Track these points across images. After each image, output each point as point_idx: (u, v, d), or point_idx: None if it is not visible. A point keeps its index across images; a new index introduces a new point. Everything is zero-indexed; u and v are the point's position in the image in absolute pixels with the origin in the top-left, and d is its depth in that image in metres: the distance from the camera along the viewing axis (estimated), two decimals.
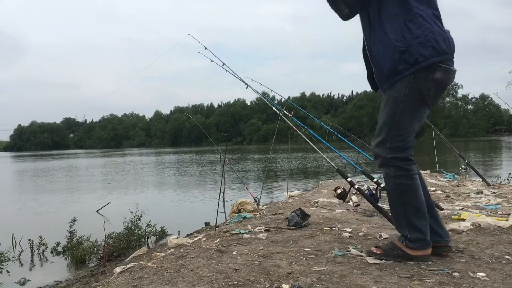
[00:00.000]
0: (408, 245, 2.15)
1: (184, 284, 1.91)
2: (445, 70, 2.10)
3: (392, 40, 2.08)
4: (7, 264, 4.62)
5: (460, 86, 67.14)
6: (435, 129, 8.58)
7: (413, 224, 2.15)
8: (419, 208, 2.16)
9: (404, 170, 2.16)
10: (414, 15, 2.06)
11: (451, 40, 2.15)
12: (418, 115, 2.16)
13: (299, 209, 3.28)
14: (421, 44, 2.04)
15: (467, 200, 4.61)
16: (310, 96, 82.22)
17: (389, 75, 2.13)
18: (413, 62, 2.05)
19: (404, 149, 2.15)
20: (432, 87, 2.09)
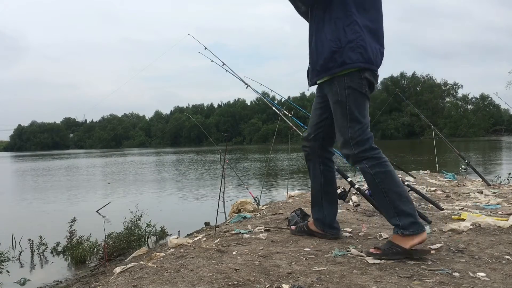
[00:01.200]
0: (404, 233, 2.19)
1: (184, 284, 1.91)
2: (372, 73, 2.35)
3: (328, 39, 2.29)
4: (7, 264, 4.62)
5: (460, 86, 67.21)
6: (435, 129, 8.58)
7: (401, 210, 2.22)
8: (401, 192, 2.26)
9: (374, 159, 2.29)
10: (352, 22, 2.26)
11: (380, 55, 2.39)
12: (364, 109, 2.35)
13: (299, 209, 3.27)
14: (351, 48, 2.25)
15: (467, 200, 4.61)
16: (310, 96, 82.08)
17: (320, 71, 2.36)
18: (341, 63, 2.26)
19: (366, 140, 2.30)
20: (365, 84, 2.33)
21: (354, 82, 2.30)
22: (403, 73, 69.21)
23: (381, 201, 2.32)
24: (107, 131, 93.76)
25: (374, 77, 2.38)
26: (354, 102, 2.31)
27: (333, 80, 2.34)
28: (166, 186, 13.87)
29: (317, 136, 2.57)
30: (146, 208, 6.22)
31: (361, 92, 2.32)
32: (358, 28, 2.26)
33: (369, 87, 2.36)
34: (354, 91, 2.31)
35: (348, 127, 2.31)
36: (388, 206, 2.26)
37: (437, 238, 2.66)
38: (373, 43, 2.32)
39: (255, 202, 5.47)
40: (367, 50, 2.27)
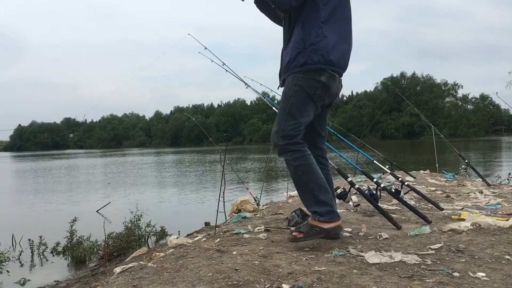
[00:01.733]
0: (320, 219, 2.40)
1: (184, 284, 1.91)
2: (330, 75, 2.43)
3: (295, 41, 2.42)
4: (7, 264, 4.61)
5: (460, 86, 67.20)
6: (435, 129, 8.58)
7: (319, 199, 2.41)
8: (321, 184, 2.43)
9: (298, 152, 2.43)
10: (318, 25, 2.37)
11: (345, 57, 2.50)
12: (305, 109, 2.45)
13: (299, 209, 3.27)
14: (313, 50, 2.36)
15: (467, 200, 4.61)
16: None
17: (285, 70, 2.49)
18: (302, 63, 2.38)
19: (294, 136, 2.42)
20: (318, 87, 2.41)
21: (306, 82, 2.40)
22: (403, 73, 69.28)
23: (302, 191, 2.47)
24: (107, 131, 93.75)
25: (334, 80, 2.47)
26: (298, 100, 2.42)
27: (290, 76, 2.45)
28: (166, 186, 13.87)
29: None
30: (146, 208, 6.22)
31: (309, 93, 2.41)
32: (322, 32, 2.36)
33: (323, 91, 2.44)
34: (303, 91, 2.41)
35: (284, 120, 2.43)
36: (308, 195, 2.44)
37: (437, 238, 2.66)
38: (340, 46, 2.43)
39: (255, 202, 5.46)
40: (329, 52, 2.37)
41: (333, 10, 2.41)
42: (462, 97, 66.79)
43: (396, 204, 4.02)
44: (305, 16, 2.41)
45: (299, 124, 2.43)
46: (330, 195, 2.49)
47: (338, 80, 2.54)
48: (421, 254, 2.32)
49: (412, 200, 4.34)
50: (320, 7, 2.38)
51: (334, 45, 2.40)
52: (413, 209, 3.39)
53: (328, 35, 2.38)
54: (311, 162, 2.44)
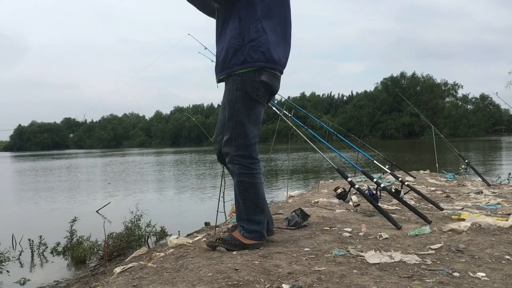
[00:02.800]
0: (245, 234, 2.39)
1: (184, 284, 1.91)
2: (271, 74, 2.34)
3: (232, 36, 2.27)
4: (7, 264, 4.61)
5: (460, 86, 67.19)
6: (435, 129, 8.58)
7: (251, 218, 2.38)
8: (258, 204, 2.40)
9: (247, 168, 2.36)
10: (257, 20, 2.25)
11: (286, 56, 2.42)
12: (253, 112, 2.35)
13: (299, 209, 3.28)
14: (253, 47, 2.24)
15: (467, 200, 4.61)
16: (310, 96, 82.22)
17: (222, 67, 2.34)
18: (242, 61, 2.26)
19: (248, 146, 2.34)
20: (260, 87, 2.31)
21: (247, 85, 2.30)
22: (403, 73, 69.25)
23: (238, 203, 2.43)
24: (107, 131, 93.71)
25: (275, 78, 2.38)
26: (243, 106, 2.32)
27: (230, 78, 2.34)
28: (166, 186, 13.87)
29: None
30: (146, 208, 6.21)
31: (251, 96, 2.32)
32: (262, 28, 2.26)
33: (266, 90, 2.36)
34: (245, 95, 2.31)
35: (234, 128, 2.34)
36: (242, 210, 2.40)
37: (437, 238, 2.66)
38: (279, 43, 2.34)
39: None
40: (270, 49, 2.27)
41: (271, 7, 2.30)
42: (462, 97, 66.85)
43: (396, 204, 4.02)
44: (241, 9, 2.27)
45: (250, 130, 2.35)
46: (265, 216, 2.43)
47: (278, 77, 2.44)
48: (421, 254, 2.32)
49: (412, 200, 4.34)
50: (256, 1, 2.27)
51: (275, 41, 2.31)
52: (413, 209, 3.39)
53: (268, 31, 2.27)
54: (256, 181, 2.37)
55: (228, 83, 2.35)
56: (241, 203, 2.40)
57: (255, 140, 2.38)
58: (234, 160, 2.36)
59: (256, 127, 2.39)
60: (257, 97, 2.33)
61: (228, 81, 2.36)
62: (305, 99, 78.78)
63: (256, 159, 2.39)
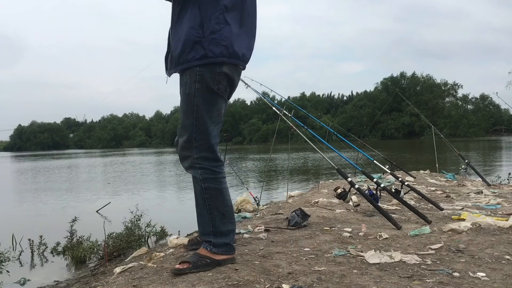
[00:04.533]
0: (213, 250, 2.10)
1: (184, 284, 1.91)
2: (233, 66, 2.11)
3: (190, 27, 2.02)
4: (7, 264, 4.61)
5: (460, 86, 67.20)
6: (435, 129, 8.58)
7: (218, 230, 2.11)
8: (226, 213, 2.13)
9: (212, 172, 2.10)
10: (218, 10, 2.02)
11: (250, 50, 2.20)
12: (214, 108, 2.11)
13: (299, 209, 3.28)
14: (214, 40, 2.01)
15: (467, 200, 4.61)
16: (310, 96, 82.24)
17: (178, 61, 2.08)
18: (202, 55, 2.02)
19: (210, 146, 2.09)
20: (221, 79, 2.08)
21: (207, 77, 2.05)
22: (403, 73, 69.20)
23: (202, 215, 2.16)
24: (107, 131, 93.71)
25: (236, 71, 2.16)
26: (203, 100, 2.07)
27: (187, 70, 2.08)
28: (166, 186, 13.87)
29: None
30: (146, 208, 6.21)
31: (212, 89, 2.07)
32: (224, 19, 2.02)
33: (227, 83, 2.13)
34: (205, 88, 2.06)
35: (194, 126, 2.07)
36: (207, 222, 2.13)
37: (437, 238, 2.66)
38: (243, 36, 2.12)
39: (255, 202, 5.46)
40: (232, 43, 2.05)
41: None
42: (462, 97, 66.81)
43: (396, 204, 4.02)
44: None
45: (212, 128, 2.09)
46: (233, 225, 2.19)
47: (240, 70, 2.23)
48: (421, 254, 2.32)
49: (412, 200, 4.34)
50: None
51: (238, 34, 2.08)
52: (413, 209, 3.40)
53: (231, 22, 2.04)
54: (222, 187, 2.12)
55: (184, 75, 2.10)
56: (207, 214, 2.12)
57: (216, 140, 2.13)
58: (196, 164, 2.08)
59: (217, 127, 2.14)
60: (219, 91, 2.09)
61: (184, 74, 2.10)
62: (305, 99, 78.78)
63: (221, 161, 2.15)
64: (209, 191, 2.10)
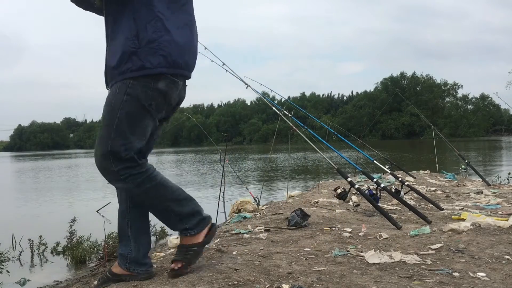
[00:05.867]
0: (192, 233, 2.02)
1: (184, 284, 1.91)
2: (171, 81, 1.94)
3: (126, 38, 1.89)
4: (7, 264, 4.61)
5: (460, 86, 67.23)
6: (435, 129, 8.59)
7: (184, 214, 2.02)
8: (178, 197, 2.03)
9: (141, 174, 1.94)
10: (154, 18, 1.88)
11: (193, 56, 2.05)
12: (139, 125, 1.93)
13: (299, 209, 3.28)
14: (151, 50, 1.87)
15: (467, 200, 4.61)
16: (310, 96, 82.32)
17: (113, 74, 1.94)
18: (139, 66, 1.87)
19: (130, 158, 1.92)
20: (155, 96, 1.91)
21: (139, 90, 1.88)
22: (403, 73, 69.27)
23: (161, 214, 2.06)
24: None
25: (175, 86, 1.98)
26: (128, 113, 1.89)
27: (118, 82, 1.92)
28: None
29: None
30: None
31: (143, 104, 1.90)
32: (162, 27, 1.88)
33: (162, 101, 1.96)
34: (134, 101, 1.89)
35: (111, 139, 1.90)
36: (169, 216, 2.04)
37: (437, 238, 2.66)
38: (185, 43, 1.97)
39: (255, 202, 5.46)
40: (172, 52, 1.91)
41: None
42: (462, 97, 66.85)
43: (396, 204, 4.03)
44: (133, 5, 1.89)
45: (131, 146, 1.91)
46: (193, 200, 2.07)
47: (182, 85, 2.05)
48: (421, 254, 2.32)
49: (412, 200, 4.34)
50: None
51: (179, 42, 1.93)
52: (413, 209, 3.40)
53: (170, 29, 1.90)
54: (158, 180, 1.98)
55: (115, 85, 1.93)
56: (165, 211, 2.03)
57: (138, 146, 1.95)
58: (121, 176, 1.93)
59: (141, 142, 1.96)
60: (150, 107, 1.91)
61: (115, 85, 1.93)
62: (305, 99, 78.86)
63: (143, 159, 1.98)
64: (151, 192, 1.97)
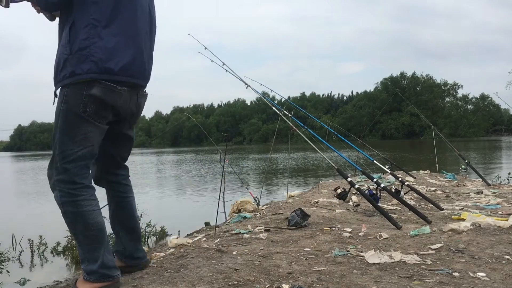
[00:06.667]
0: (86, 278, 1.97)
1: (184, 284, 1.91)
2: (108, 87, 1.92)
3: (61, 45, 1.94)
4: (7, 264, 4.61)
5: (460, 86, 67.24)
6: (435, 129, 8.58)
7: (90, 256, 1.96)
8: (93, 237, 1.97)
9: (69, 195, 1.92)
10: (88, 24, 1.89)
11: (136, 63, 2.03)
12: (78, 132, 1.93)
13: (299, 209, 3.28)
14: (82, 56, 1.88)
15: (467, 200, 4.61)
16: (310, 96, 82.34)
17: (55, 82, 1.97)
18: (70, 72, 1.89)
19: (66, 170, 1.92)
20: (89, 103, 1.91)
21: (72, 98, 1.91)
22: (403, 73, 69.27)
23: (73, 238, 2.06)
24: None
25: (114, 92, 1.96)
26: (65, 122, 1.93)
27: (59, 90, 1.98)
28: (166, 186, 13.87)
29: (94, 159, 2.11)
30: (146, 208, 6.20)
31: (76, 112, 1.91)
32: (94, 32, 1.89)
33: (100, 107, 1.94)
34: (69, 110, 1.92)
35: (55, 148, 1.95)
36: (78, 248, 2.01)
37: (437, 238, 2.66)
38: (125, 49, 1.97)
39: (255, 202, 5.46)
40: (105, 58, 1.90)
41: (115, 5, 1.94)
42: (462, 97, 66.86)
43: (396, 204, 4.03)
44: (76, 13, 1.92)
45: (71, 153, 1.92)
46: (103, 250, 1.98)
47: (133, 93, 2.06)
48: (421, 254, 2.32)
49: (412, 200, 4.34)
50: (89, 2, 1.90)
51: (114, 48, 1.93)
52: (413, 209, 3.40)
53: (104, 36, 1.91)
54: (83, 210, 1.94)
55: (59, 95, 1.98)
56: (75, 237, 2.01)
57: (81, 162, 1.95)
58: (56, 186, 1.94)
59: (85, 149, 1.95)
60: (85, 114, 1.92)
61: (58, 94, 1.99)
62: (305, 99, 78.88)
63: (81, 183, 1.95)
64: (69, 215, 1.95)
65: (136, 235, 2.34)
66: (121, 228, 2.31)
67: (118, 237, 2.33)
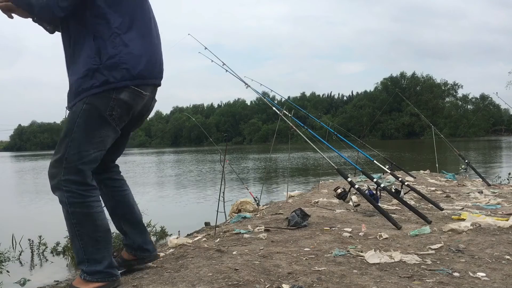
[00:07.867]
0: (86, 278, 1.96)
1: (184, 284, 1.91)
2: (136, 92, 1.98)
3: (87, 56, 1.93)
4: (7, 264, 4.61)
5: (460, 86, 67.25)
6: (435, 129, 8.58)
7: (91, 257, 1.97)
8: (99, 238, 1.99)
9: (79, 196, 1.94)
10: (112, 34, 1.92)
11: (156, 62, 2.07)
12: (97, 134, 1.96)
13: (299, 209, 3.28)
14: (114, 64, 1.91)
15: (467, 200, 4.61)
16: (310, 96, 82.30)
17: (77, 93, 1.96)
18: (102, 81, 1.90)
19: (80, 171, 1.94)
20: (116, 106, 1.94)
21: (99, 100, 1.92)
22: (403, 73, 69.21)
23: (74, 240, 2.02)
24: None
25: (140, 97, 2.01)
26: (86, 122, 1.93)
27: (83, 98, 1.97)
28: (166, 186, 13.87)
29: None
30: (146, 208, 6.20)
31: (102, 115, 1.93)
32: (120, 41, 1.92)
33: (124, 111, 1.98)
34: (94, 110, 1.92)
35: (68, 147, 1.94)
36: (79, 249, 1.99)
37: (437, 238, 2.66)
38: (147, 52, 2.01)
39: (255, 202, 5.46)
40: (135, 64, 1.95)
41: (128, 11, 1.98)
42: (462, 97, 66.84)
43: (396, 204, 4.03)
44: (92, 25, 1.93)
45: (89, 154, 1.95)
46: (109, 250, 2.03)
47: (149, 95, 2.10)
48: (421, 254, 2.32)
49: (412, 200, 4.34)
50: (107, 11, 1.92)
51: (139, 53, 1.97)
52: (413, 209, 3.40)
53: (128, 42, 1.94)
54: (92, 211, 1.97)
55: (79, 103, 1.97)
56: (77, 240, 1.98)
57: (92, 165, 1.99)
58: (63, 186, 1.94)
59: (98, 152, 1.99)
60: (110, 118, 1.95)
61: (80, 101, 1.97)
62: (305, 99, 78.82)
63: (92, 185, 1.99)
64: (76, 216, 1.96)
65: (142, 226, 2.35)
66: (125, 222, 2.32)
67: (123, 232, 2.34)
